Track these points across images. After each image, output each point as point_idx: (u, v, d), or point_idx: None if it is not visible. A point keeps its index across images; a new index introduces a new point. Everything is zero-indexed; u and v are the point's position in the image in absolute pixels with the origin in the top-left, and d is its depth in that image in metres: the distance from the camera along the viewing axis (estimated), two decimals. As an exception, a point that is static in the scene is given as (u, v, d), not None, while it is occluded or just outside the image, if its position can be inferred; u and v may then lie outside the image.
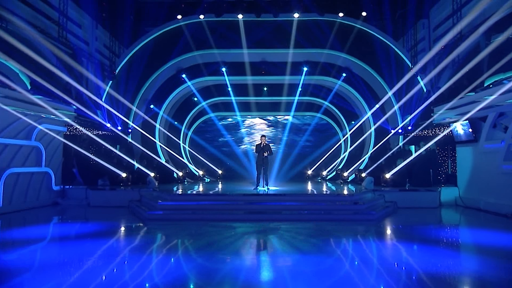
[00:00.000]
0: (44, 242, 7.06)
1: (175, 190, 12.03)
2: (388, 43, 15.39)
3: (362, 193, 10.88)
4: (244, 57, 16.28)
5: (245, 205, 9.82)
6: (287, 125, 21.08)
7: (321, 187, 13.62)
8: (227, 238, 7.13)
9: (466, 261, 5.91)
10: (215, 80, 17.86)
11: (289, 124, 21.03)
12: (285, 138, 20.99)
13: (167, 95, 17.39)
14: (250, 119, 21.38)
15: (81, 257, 5.72)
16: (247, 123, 21.42)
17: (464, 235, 8.08)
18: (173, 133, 18.50)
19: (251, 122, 21.45)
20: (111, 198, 11.61)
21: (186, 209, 9.55)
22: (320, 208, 9.56)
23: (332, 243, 6.77)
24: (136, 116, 16.38)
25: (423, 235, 7.56)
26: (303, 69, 16.68)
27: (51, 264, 5.42)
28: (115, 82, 15.59)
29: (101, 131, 14.70)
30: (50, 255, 6.06)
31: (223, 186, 14.01)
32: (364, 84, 16.52)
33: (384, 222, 8.93)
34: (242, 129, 21.27)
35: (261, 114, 20.97)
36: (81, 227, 8.69)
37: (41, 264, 5.48)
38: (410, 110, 14.69)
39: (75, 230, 8.37)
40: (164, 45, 15.98)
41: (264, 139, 11.90)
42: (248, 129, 21.37)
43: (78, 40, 13.58)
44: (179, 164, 17.66)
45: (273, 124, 21.41)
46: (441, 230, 8.26)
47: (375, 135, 16.57)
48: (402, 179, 12.71)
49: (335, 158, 19.03)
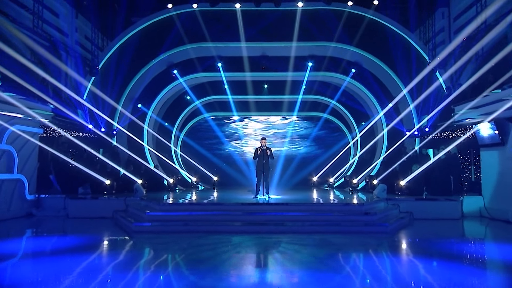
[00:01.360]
0: (15, 259, 6.96)
1: (165, 199, 12.03)
2: (402, 35, 15.35)
3: (374, 203, 10.87)
4: (242, 51, 16.24)
5: (243, 215, 9.81)
6: (289, 127, 21.05)
7: (328, 196, 13.61)
8: (223, 253, 7.10)
9: (493, 281, 5.82)
10: (210, 76, 17.84)
11: (292, 126, 21.00)
12: (287, 140, 20.97)
13: (156, 93, 17.39)
14: (249, 119, 21.38)
15: (57, 275, 5.63)
16: (246, 124, 21.38)
17: (490, 251, 8.00)
18: (163, 136, 18.46)
19: (250, 123, 21.42)
20: (93, 209, 11.54)
21: (177, 220, 9.54)
22: (327, 219, 9.57)
23: (340, 259, 6.73)
24: (121, 116, 16.34)
25: (443, 250, 7.49)
26: (307, 64, 16.67)
27: (23, 283, 5.32)
28: (98, 78, 15.53)
29: (82, 133, 14.64)
30: (22, 274, 5.96)
31: (218, 195, 14.00)
32: (375, 80, 16.50)
33: (398, 235, 8.89)
34: (240, 131, 21.24)
35: (261, 114, 20.96)
36: (58, 242, 8.62)
37: (11, 284, 5.36)
38: (427, 109, 14.63)
39: (51, 244, 8.28)
40: (153, 38, 15.94)
41: (264, 141, 11.92)
42: (247, 131, 21.33)
43: (56, 31, 13.51)
44: (170, 170, 17.63)
45: (274, 125, 21.38)
46: (464, 245, 8.20)
47: (388, 138, 16.55)
48: (418, 187, 12.65)
49: (344, 163, 19.00)
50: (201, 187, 17.98)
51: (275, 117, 21.27)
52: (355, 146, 19.40)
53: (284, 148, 20.84)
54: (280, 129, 21.28)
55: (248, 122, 21.44)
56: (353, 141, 19.40)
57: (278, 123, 21.34)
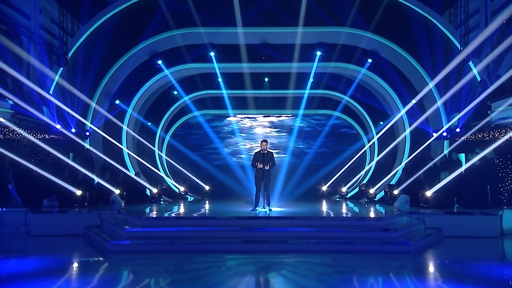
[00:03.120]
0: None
1: (148, 212, 12.08)
2: (428, 18, 15.28)
3: (394, 217, 10.93)
4: (239, 38, 16.18)
5: (240, 231, 9.87)
6: (295, 127, 21.04)
7: (340, 208, 13.65)
8: (216, 276, 7.12)
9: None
10: (201, 68, 17.80)
11: (297, 126, 21.00)
12: (292, 144, 20.94)
13: (137, 87, 17.29)
14: (246, 119, 21.36)
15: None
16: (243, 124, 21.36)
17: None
18: (145, 138, 18.43)
19: (248, 123, 21.40)
20: (61, 224, 11.44)
21: (162, 237, 9.62)
22: (339, 236, 9.68)
23: (355, 284, 6.73)
24: (96, 115, 16.28)
25: (479, 275, 7.44)
26: (316, 53, 16.59)
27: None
28: (67, 69, 15.46)
29: (48, 134, 14.59)
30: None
31: (211, 207, 14.07)
32: (396, 72, 16.44)
33: (424, 255, 8.91)
34: (237, 132, 21.20)
35: (261, 112, 20.93)
36: (17, 265, 8.56)
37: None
38: (458, 106, 14.63)
39: (8, 268, 8.21)
40: (133, 22, 15.86)
41: (265, 144, 12.00)
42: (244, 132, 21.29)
43: (15, 12, 13.44)
44: (154, 178, 17.60)
45: (276, 125, 21.38)
46: (505, 269, 8.19)
47: (411, 140, 16.53)
48: (448, 198, 12.61)
49: (358, 169, 18.99)
50: (190, 198, 17.96)
51: (277, 115, 21.23)
52: (372, 150, 19.39)
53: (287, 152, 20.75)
54: (284, 129, 21.24)
55: (245, 122, 21.39)
56: (369, 144, 19.33)
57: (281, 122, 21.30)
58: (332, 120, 20.75)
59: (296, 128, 20.98)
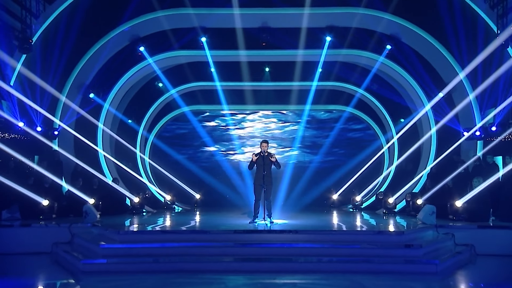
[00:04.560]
0: None
1: (128, 225, 12.18)
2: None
3: (418, 231, 10.96)
4: (235, 21, 16.22)
5: (236, 248, 9.92)
6: (300, 125, 21.18)
7: (354, 221, 13.76)
8: None
9: None
10: (190, 55, 17.91)
11: (303, 124, 21.13)
12: (297, 145, 21.10)
13: (115, 78, 17.33)
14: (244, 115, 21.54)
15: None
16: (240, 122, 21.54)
17: None
18: (125, 138, 18.49)
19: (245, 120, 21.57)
20: (24, 240, 11.40)
21: (144, 255, 9.63)
22: (353, 253, 9.71)
23: None
24: (66, 111, 16.31)
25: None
26: (325, 39, 16.63)
27: None
28: (31, 56, 15.37)
29: (9, 133, 14.65)
30: None
31: (202, 219, 14.24)
32: (420, 61, 16.48)
33: (454, 277, 8.91)
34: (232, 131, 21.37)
35: (261, 108, 21.11)
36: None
37: None
38: (494, 101, 14.64)
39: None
40: (111, 1, 15.84)
41: (265, 145, 12.01)
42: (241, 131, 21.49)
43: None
44: (135, 185, 17.66)
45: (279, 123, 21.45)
46: None
47: (438, 141, 16.63)
48: (483, 210, 12.54)
49: (375, 175, 19.16)
50: (177, 208, 18.10)
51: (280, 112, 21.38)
52: (391, 152, 19.55)
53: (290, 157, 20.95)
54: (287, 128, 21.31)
55: (243, 119, 21.59)
56: (388, 145, 19.53)
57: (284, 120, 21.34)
58: (344, 117, 20.97)
59: (302, 126, 21.14)
